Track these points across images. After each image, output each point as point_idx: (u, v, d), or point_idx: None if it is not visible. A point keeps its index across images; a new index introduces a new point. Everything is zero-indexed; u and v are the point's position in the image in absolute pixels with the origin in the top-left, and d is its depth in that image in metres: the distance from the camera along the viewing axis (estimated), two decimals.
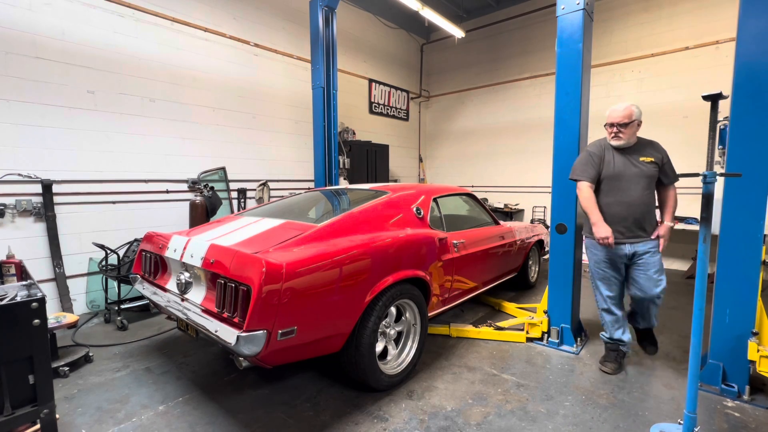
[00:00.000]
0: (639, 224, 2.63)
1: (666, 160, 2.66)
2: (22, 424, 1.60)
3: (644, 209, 2.62)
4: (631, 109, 2.60)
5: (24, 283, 1.85)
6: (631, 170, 2.62)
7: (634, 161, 2.63)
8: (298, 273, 1.99)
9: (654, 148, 2.68)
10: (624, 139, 2.63)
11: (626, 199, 2.63)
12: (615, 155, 2.69)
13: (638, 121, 2.62)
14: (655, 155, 2.64)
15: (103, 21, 4.08)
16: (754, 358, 2.37)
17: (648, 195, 2.63)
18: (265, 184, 5.67)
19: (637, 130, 2.65)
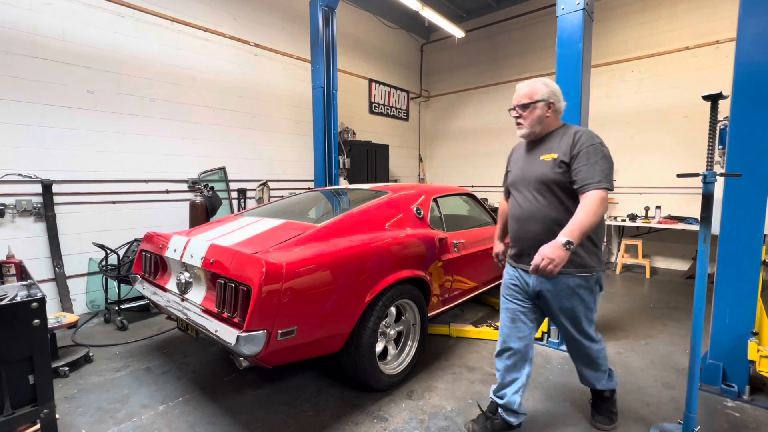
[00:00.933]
0: (536, 246, 1.79)
1: (579, 154, 1.76)
2: (22, 424, 1.60)
3: (543, 228, 1.86)
4: (534, 86, 1.89)
5: (24, 283, 1.85)
6: (528, 173, 1.92)
7: (535, 160, 1.91)
8: (298, 273, 1.99)
9: (566, 140, 1.83)
10: (526, 128, 1.91)
11: (517, 212, 1.98)
12: (523, 153, 2.03)
13: (547, 103, 1.87)
14: (561, 150, 1.82)
15: (103, 21, 4.08)
16: (754, 358, 2.37)
17: (546, 208, 1.85)
18: (265, 184, 5.67)
19: (546, 114, 1.89)
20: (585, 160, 1.75)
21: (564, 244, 1.62)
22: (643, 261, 5.76)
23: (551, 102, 1.88)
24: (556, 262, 1.61)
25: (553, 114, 1.91)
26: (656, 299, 4.53)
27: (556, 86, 1.93)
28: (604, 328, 3.59)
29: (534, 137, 1.94)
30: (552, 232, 1.77)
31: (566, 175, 1.80)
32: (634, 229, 6.21)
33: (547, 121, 1.91)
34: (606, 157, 1.76)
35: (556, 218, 1.83)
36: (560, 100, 1.92)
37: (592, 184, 1.70)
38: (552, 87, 1.90)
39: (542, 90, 1.88)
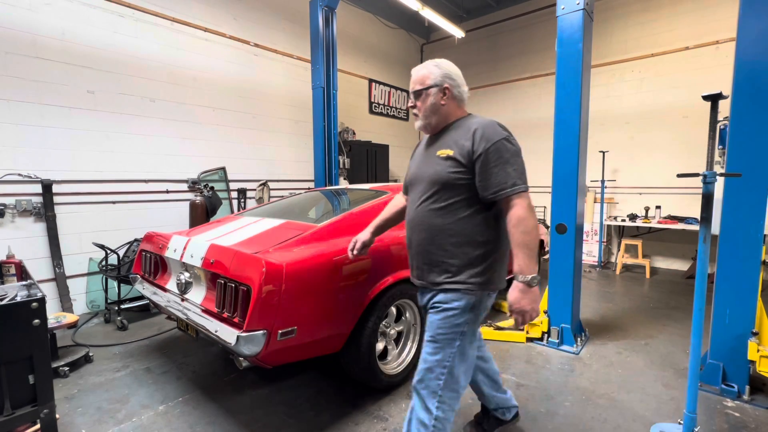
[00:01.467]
0: (426, 261, 1.60)
1: (484, 155, 1.44)
2: (22, 424, 1.61)
3: (426, 237, 1.58)
4: (426, 69, 1.59)
5: (24, 283, 1.85)
6: (422, 171, 1.63)
7: (431, 157, 1.61)
8: (298, 273, 1.99)
9: (463, 135, 1.52)
10: (420, 119, 1.63)
11: (408, 216, 1.71)
12: (423, 148, 1.74)
13: (441, 88, 1.57)
14: (458, 146, 1.51)
15: (103, 21, 4.08)
16: (754, 358, 2.37)
17: (433, 213, 1.55)
18: (265, 184, 5.67)
19: (441, 102, 1.58)
20: (494, 161, 1.43)
21: (529, 283, 1.39)
22: (643, 261, 5.76)
23: (446, 87, 1.57)
24: (535, 307, 1.42)
25: (450, 101, 1.59)
26: (656, 299, 4.53)
27: (453, 68, 1.62)
28: (604, 328, 3.60)
29: (431, 130, 1.65)
30: (436, 243, 1.53)
31: (462, 176, 1.49)
32: (634, 229, 6.21)
33: (444, 111, 1.59)
34: (516, 153, 1.48)
35: (442, 226, 1.52)
36: (459, 85, 1.60)
37: (505, 190, 1.42)
38: (446, 69, 1.59)
39: (434, 73, 1.57)
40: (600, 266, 6.22)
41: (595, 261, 6.33)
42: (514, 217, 1.41)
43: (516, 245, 1.41)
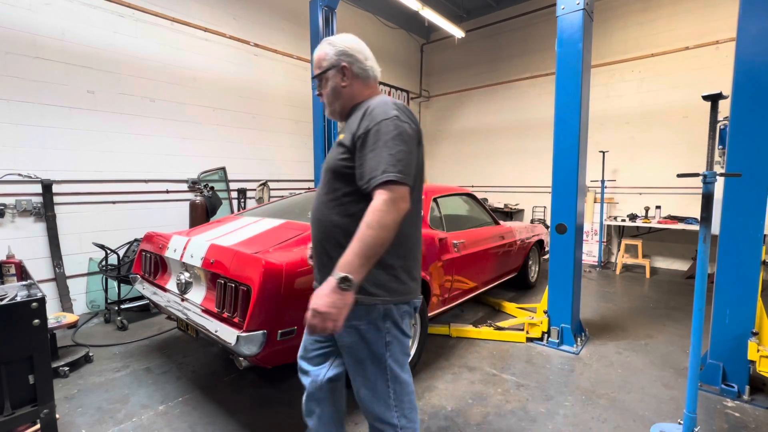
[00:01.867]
0: (321, 261, 1.42)
1: (364, 136, 1.23)
2: (22, 424, 1.60)
3: (322, 235, 1.39)
4: (322, 50, 1.39)
5: (24, 283, 1.85)
6: (326, 160, 1.43)
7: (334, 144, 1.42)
8: (298, 273, 1.99)
9: (357, 116, 1.31)
10: (327, 107, 1.44)
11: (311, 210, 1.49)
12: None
13: (339, 68, 1.36)
14: (349, 129, 1.31)
15: (103, 21, 4.08)
16: (754, 358, 2.37)
17: (327, 207, 1.36)
18: (265, 184, 5.67)
19: (342, 84, 1.38)
20: (371, 144, 1.20)
21: (339, 284, 1.10)
22: (643, 261, 5.76)
23: (344, 66, 1.35)
24: (335, 314, 1.10)
25: (353, 81, 1.37)
26: (656, 299, 4.53)
27: (353, 42, 1.38)
28: (604, 328, 3.60)
29: (339, 116, 1.43)
30: (332, 240, 1.33)
31: (348, 163, 1.28)
32: (634, 229, 6.21)
33: (347, 93, 1.38)
34: (399, 135, 1.20)
35: (337, 223, 1.32)
36: (359, 61, 1.37)
37: (375, 179, 1.16)
38: (342, 45, 1.36)
39: (329, 53, 1.37)
40: (600, 266, 6.22)
41: (595, 261, 6.33)
42: (368, 208, 1.14)
43: (356, 238, 1.13)
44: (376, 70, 1.43)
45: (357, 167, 1.24)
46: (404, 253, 1.33)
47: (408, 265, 1.34)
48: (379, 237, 1.12)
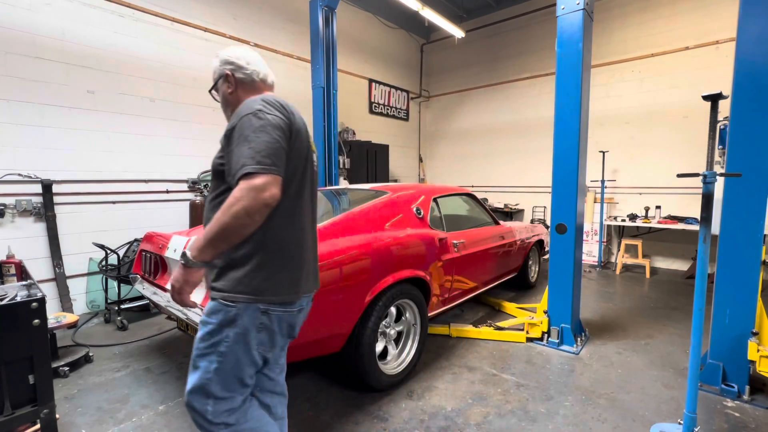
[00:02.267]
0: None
1: (230, 132, 1.27)
2: (22, 424, 1.61)
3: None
4: (212, 65, 1.48)
5: (24, 283, 1.85)
6: None
7: None
8: None
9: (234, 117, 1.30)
10: (225, 115, 1.51)
11: None
12: None
13: (224, 77, 1.44)
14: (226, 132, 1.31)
15: (103, 21, 4.08)
16: (754, 358, 2.37)
17: (210, 207, 1.38)
18: None
19: (228, 91, 1.45)
20: (235, 140, 1.22)
21: (179, 259, 1.19)
22: (643, 261, 5.76)
23: (227, 74, 1.42)
24: (177, 287, 1.20)
25: (237, 87, 1.43)
26: (656, 299, 4.53)
27: (237, 51, 1.46)
28: (604, 328, 3.60)
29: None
30: None
31: (222, 161, 1.33)
32: (634, 229, 6.21)
33: (233, 99, 1.43)
34: (260, 127, 1.20)
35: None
36: (242, 66, 1.42)
37: (237, 173, 1.17)
38: (226, 55, 1.44)
39: (215, 65, 1.46)
40: (600, 266, 6.22)
41: (595, 261, 6.33)
42: (229, 196, 1.16)
43: (213, 221, 1.16)
44: (261, 72, 1.46)
45: (226, 165, 1.28)
46: (272, 253, 1.27)
47: (277, 265, 1.28)
48: (226, 223, 1.13)
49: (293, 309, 1.35)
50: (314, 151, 1.47)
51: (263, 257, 1.26)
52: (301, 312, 1.42)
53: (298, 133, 1.32)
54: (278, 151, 1.21)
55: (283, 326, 1.35)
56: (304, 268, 1.37)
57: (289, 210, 1.31)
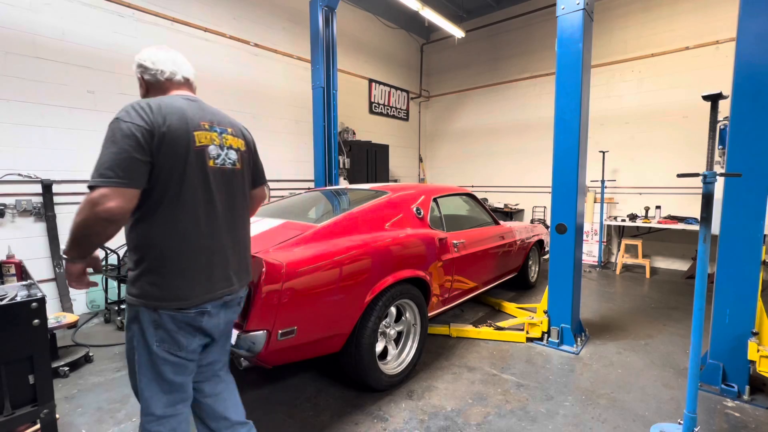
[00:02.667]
0: None
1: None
2: (22, 424, 1.60)
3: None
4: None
5: (24, 283, 1.85)
6: None
7: None
8: (299, 273, 1.99)
9: None
10: None
11: None
12: None
13: (138, 79, 1.53)
14: None
15: (103, 21, 4.08)
16: (754, 358, 2.37)
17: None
18: None
19: (142, 92, 1.55)
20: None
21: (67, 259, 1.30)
22: (643, 261, 5.76)
23: (138, 77, 1.50)
24: (66, 277, 1.34)
25: (148, 88, 1.50)
26: (656, 299, 4.53)
27: (143, 53, 1.51)
28: (604, 328, 3.60)
29: None
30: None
31: None
32: (634, 229, 6.21)
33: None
34: (110, 138, 1.25)
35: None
36: (149, 67, 1.47)
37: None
38: (136, 59, 1.50)
39: (135, 70, 1.52)
40: (600, 266, 6.22)
41: (595, 261, 6.33)
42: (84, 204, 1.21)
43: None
44: (167, 71, 1.47)
45: None
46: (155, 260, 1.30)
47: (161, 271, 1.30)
48: (73, 231, 1.21)
49: (189, 312, 1.33)
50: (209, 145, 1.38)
51: (149, 263, 1.30)
52: (211, 316, 1.39)
53: (164, 136, 1.26)
54: (125, 161, 1.21)
55: (181, 326, 1.34)
56: (195, 273, 1.33)
57: (166, 217, 1.29)
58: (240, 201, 1.49)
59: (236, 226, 1.47)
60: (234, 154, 1.46)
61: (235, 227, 1.47)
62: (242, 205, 1.51)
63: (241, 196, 1.50)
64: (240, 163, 1.48)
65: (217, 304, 1.41)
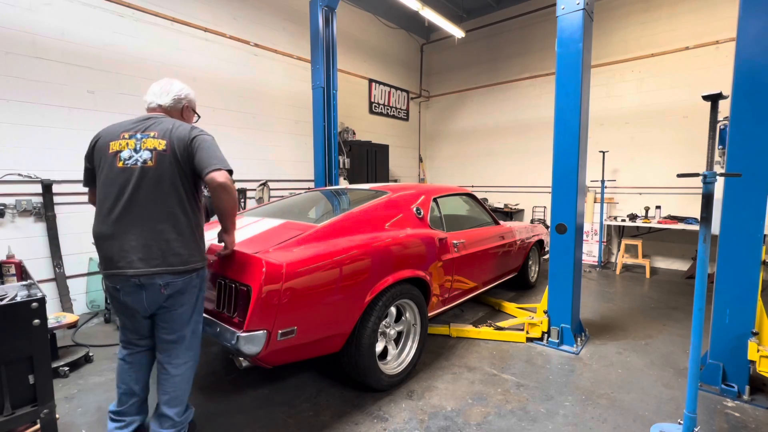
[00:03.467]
0: None
1: None
2: (22, 424, 1.60)
3: None
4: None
5: (24, 283, 1.85)
6: None
7: None
8: (298, 273, 1.99)
9: None
10: None
11: None
12: None
13: None
14: None
15: (103, 21, 4.08)
16: (754, 358, 2.37)
17: None
18: (265, 184, 5.67)
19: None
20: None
21: None
22: (643, 261, 5.76)
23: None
24: None
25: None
26: (656, 299, 4.53)
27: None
28: (604, 328, 3.60)
29: None
30: None
31: None
32: (634, 229, 6.21)
33: None
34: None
35: None
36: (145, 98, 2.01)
37: None
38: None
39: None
40: (600, 266, 6.22)
41: (595, 261, 6.33)
42: None
43: None
44: (147, 101, 1.95)
45: None
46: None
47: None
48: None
49: (109, 285, 1.79)
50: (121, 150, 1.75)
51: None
52: (126, 294, 1.74)
53: (95, 148, 1.83)
54: (84, 171, 1.94)
55: (110, 295, 1.84)
56: (105, 252, 1.77)
57: (96, 209, 1.82)
58: (151, 192, 1.72)
59: (142, 216, 1.71)
60: (147, 154, 1.73)
61: (141, 216, 1.71)
62: (154, 196, 1.72)
63: (154, 188, 1.72)
64: (153, 161, 1.73)
65: (130, 284, 1.71)
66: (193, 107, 2.10)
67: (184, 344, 1.86)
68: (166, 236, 1.72)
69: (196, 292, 1.84)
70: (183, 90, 1.99)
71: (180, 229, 1.76)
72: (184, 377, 1.86)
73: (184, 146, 1.78)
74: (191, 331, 1.88)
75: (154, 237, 1.71)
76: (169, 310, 1.79)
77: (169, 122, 1.83)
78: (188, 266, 1.77)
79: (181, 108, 2.01)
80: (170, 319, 1.81)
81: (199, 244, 1.86)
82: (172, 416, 1.84)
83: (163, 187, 1.73)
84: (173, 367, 1.84)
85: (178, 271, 1.74)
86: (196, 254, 1.81)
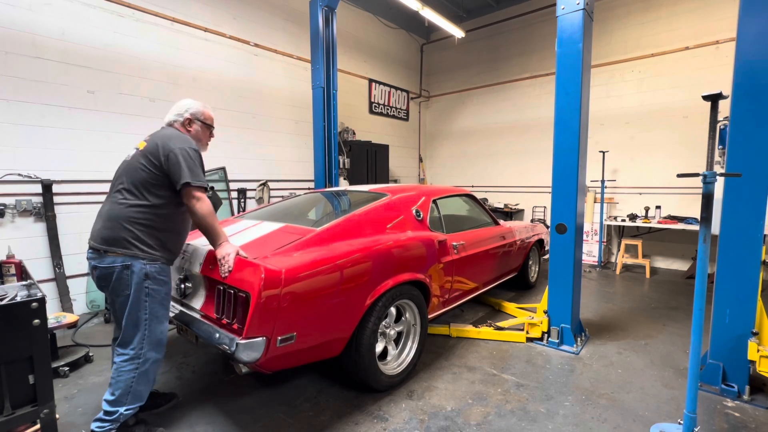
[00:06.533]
0: None
1: None
2: (22, 424, 1.60)
3: None
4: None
5: (24, 283, 1.85)
6: None
7: None
8: (298, 279, 1.97)
9: None
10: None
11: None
12: None
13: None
14: None
15: (103, 21, 4.08)
16: (754, 358, 2.37)
17: None
18: (265, 184, 5.67)
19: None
20: None
21: None
22: (643, 261, 5.76)
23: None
24: None
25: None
26: (656, 299, 4.53)
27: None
28: (604, 328, 3.60)
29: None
30: None
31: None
32: (634, 229, 6.21)
33: None
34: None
35: None
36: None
37: None
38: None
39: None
40: (600, 266, 6.22)
41: (595, 261, 6.33)
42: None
43: None
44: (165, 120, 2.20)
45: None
46: None
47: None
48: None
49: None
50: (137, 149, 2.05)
51: None
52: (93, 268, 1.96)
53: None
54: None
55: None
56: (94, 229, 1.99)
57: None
58: (122, 181, 1.97)
59: (110, 200, 1.98)
60: (134, 151, 2.05)
61: (109, 201, 1.98)
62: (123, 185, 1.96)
63: (126, 177, 1.97)
64: (132, 157, 2.02)
65: (91, 256, 1.96)
66: (200, 118, 2.21)
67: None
68: (113, 218, 1.95)
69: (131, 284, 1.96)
70: (185, 105, 2.18)
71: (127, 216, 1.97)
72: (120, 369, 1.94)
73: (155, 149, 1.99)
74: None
75: (107, 220, 1.96)
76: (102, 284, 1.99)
77: (165, 130, 2.08)
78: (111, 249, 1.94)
79: (183, 120, 2.17)
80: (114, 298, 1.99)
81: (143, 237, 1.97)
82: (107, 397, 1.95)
83: (132, 176, 1.97)
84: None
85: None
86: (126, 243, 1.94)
